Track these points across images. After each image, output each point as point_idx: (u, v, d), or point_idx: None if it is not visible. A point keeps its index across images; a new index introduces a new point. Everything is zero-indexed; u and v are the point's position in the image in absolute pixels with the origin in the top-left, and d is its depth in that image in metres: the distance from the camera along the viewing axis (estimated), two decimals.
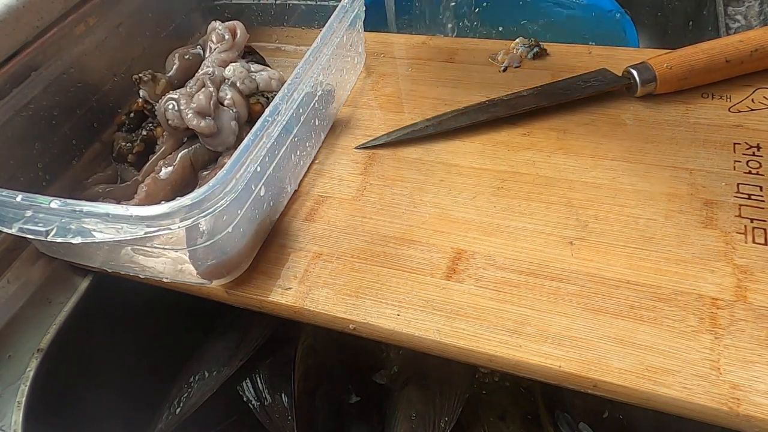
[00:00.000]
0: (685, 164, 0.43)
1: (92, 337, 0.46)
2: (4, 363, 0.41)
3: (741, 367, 0.31)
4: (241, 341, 0.52)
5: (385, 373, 0.54)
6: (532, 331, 0.35)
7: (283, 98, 0.39)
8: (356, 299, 0.38)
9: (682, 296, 0.35)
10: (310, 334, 0.53)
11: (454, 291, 0.37)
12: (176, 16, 0.61)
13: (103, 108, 0.51)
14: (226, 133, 0.45)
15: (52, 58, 0.47)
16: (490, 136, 0.48)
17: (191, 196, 0.32)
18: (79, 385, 0.46)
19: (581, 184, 0.42)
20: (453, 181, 0.44)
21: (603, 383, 0.32)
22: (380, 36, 0.61)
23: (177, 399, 0.49)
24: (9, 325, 0.42)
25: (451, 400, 0.48)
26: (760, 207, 0.39)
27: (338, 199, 0.45)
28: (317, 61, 0.43)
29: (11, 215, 0.34)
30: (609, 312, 0.35)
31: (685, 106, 0.47)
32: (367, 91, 0.55)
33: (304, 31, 0.63)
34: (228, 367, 0.50)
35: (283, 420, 0.49)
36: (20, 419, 0.38)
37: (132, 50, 0.55)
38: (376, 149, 0.48)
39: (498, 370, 0.36)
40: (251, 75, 0.49)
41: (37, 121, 0.46)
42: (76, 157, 0.50)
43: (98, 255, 0.43)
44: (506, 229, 0.40)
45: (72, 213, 0.32)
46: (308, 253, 0.41)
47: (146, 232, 0.32)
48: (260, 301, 0.39)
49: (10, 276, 0.43)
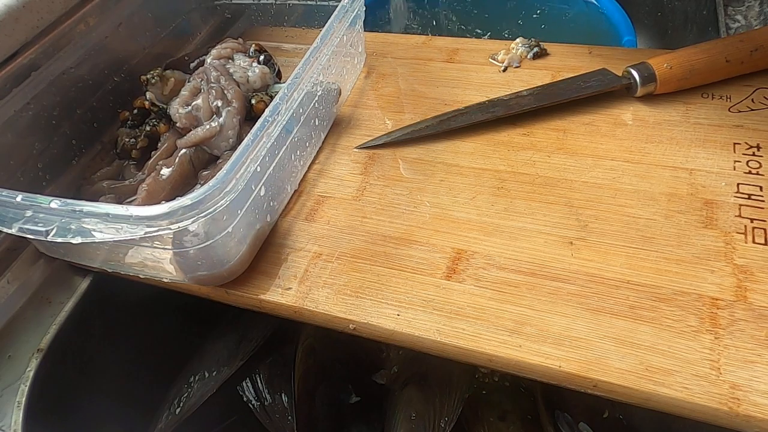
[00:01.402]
0: (685, 164, 0.43)
1: (92, 337, 0.46)
2: (4, 363, 0.41)
3: (741, 367, 0.31)
4: (241, 341, 0.52)
5: (385, 373, 0.54)
6: (532, 331, 0.35)
7: (283, 98, 0.39)
8: (356, 299, 0.38)
9: (682, 296, 0.35)
10: (310, 334, 0.53)
11: (454, 291, 0.37)
12: (176, 16, 0.61)
13: (104, 107, 0.51)
14: (226, 132, 0.45)
15: (52, 58, 0.47)
16: (490, 136, 0.48)
17: (191, 196, 0.32)
18: (79, 385, 0.46)
19: (581, 184, 0.42)
20: (453, 181, 0.44)
21: (603, 383, 0.32)
22: (380, 36, 0.61)
23: (177, 399, 0.49)
24: (9, 325, 0.42)
25: (451, 400, 0.48)
26: (760, 207, 0.39)
27: (338, 199, 0.45)
28: (317, 61, 0.43)
29: (11, 215, 0.34)
30: (609, 312, 0.35)
31: (685, 106, 0.47)
32: (367, 91, 0.55)
33: (304, 31, 0.63)
34: (228, 367, 0.50)
35: (283, 420, 0.49)
36: (20, 419, 0.38)
37: (132, 50, 0.55)
38: (376, 149, 0.48)
39: (498, 370, 0.36)
40: (245, 69, 0.49)
41: (37, 121, 0.46)
42: (76, 157, 0.50)
43: (98, 255, 0.43)
44: (506, 229, 0.40)
45: (72, 213, 0.32)
46: (308, 253, 0.41)
47: (146, 232, 0.32)
48: (260, 301, 0.39)
49: (10, 276, 0.43)
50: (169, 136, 0.47)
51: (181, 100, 0.47)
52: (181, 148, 0.45)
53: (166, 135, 0.48)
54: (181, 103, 0.46)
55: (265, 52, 0.53)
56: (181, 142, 0.46)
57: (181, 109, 0.46)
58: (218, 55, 0.51)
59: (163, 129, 0.48)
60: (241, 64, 0.50)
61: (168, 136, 0.47)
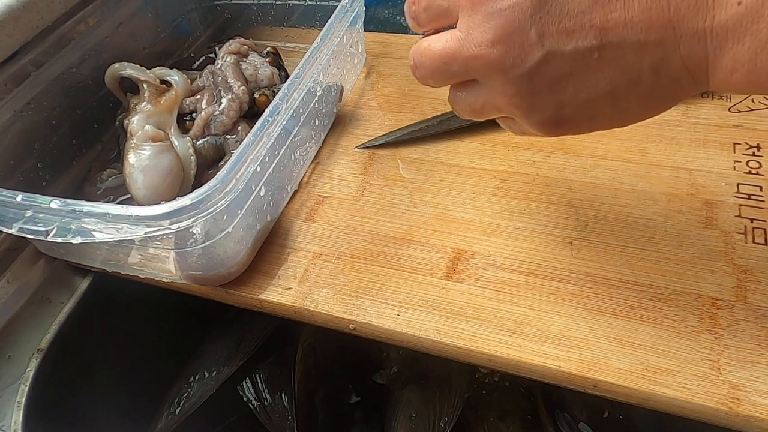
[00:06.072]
0: (685, 164, 0.43)
1: (92, 337, 0.46)
2: (4, 363, 0.41)
3: (741, 367, 0.31)
4: (241, 341, 0.52)
5: (385, 373, 0.54)
6: (532, 331, 0.35)
7: (283, 98, 0.39)
8: (356, 299, 0.38)
9: (682, 296, 0.35)
10: (310, 334, 0.53)
11: (454, 291, 0.37)
12: (176, 16, 0.61)
13: (104, 107, 0.51)
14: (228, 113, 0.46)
15: (52, 58, 0.47)
16: (490, 136, 0.48)
17: (191, 196, 0.32)
18: (79, 385, 0.46)
19: (581, 184, 0.42)
20: (453, 181, 0.44)
21: (603, 383, 0.32)
22: (380, 36, 0.61)
23: (177, 399, 0.49)
24: (9, 325, 0.42)
25: (450, 400, 0.48)
26: (760, 207, 0.39)
27: (338, 199, 0.45)
28: (317, 60, 0.43)
29: (11, 215, 0.34)
30: (609, 312, 0.35)
31: (685, 106, 0.47)
32: (367, 91, 0.55)
33: (304, 31, 0.63)
34: (228, 367, 0.50)
35: (283, 420, 0.49)
36: (20, 419, 0.38)
37: (132, 50, 0.55)
38: (376, 149, 0.48)
39: (498, 370, 0.36)
40: (256, 67, 0.50)
41: (37, 121, 0.46)
42: (76, 157, 0.50)
43: (98, 255, 0.43)
44: (506, 229, 0.40)
45: (72, 213, 0.32)
46: (308, 253, 0.41)
47: (146, 232, 0.32)
48: (260, 301, 0.39)
49: (10, 276, 0.43)
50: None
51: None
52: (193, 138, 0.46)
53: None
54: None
55: (279, 57, 0.54)
56: (191, 133, 0.46)
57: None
58: (235, 50, 0.51)
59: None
60: (255, 62, 0.50)
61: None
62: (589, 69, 0.24)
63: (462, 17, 0.26)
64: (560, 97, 0.26)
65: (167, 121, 0.46)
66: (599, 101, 0.25)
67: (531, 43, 0.24)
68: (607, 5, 0.23)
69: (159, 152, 0.43)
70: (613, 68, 0.24)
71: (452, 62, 0.27)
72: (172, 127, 0.46)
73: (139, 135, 0.43)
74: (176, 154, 0.44)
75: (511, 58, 0.25)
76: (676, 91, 0.25)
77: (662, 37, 0.23)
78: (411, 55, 0.29)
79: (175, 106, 0.46)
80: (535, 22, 0.24)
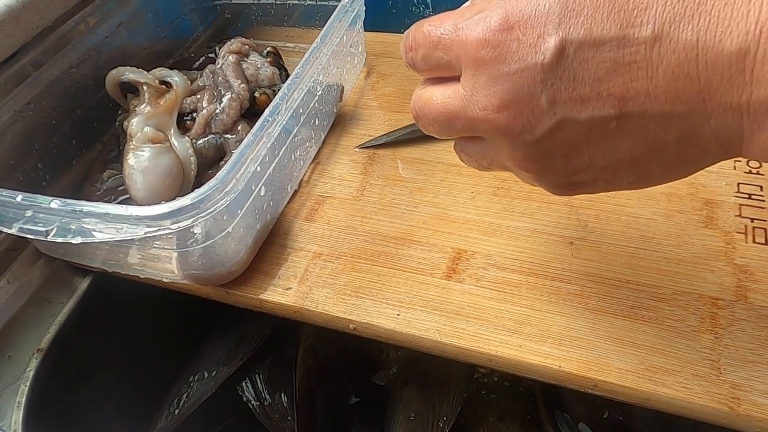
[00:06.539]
0: None
1: (92, 337, 0.46)
2: (4, 363, 0.41)
3: (741, 367, 0.31)
4: (241, 341, 0.52)
5: (384, 373, 0.53)
6: (532, 330, 0.35)
7: (283, 98, 0.39)
8: (356, 299, 0.38)
9: (682, 296, 0.35)
10: (310, 334, 0.53)
11: (454, 291, 0.37)
12: (176, 16, 0.61)
13: (104, 107, 0.51)
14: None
15: (52, 58, 0.47)
16: None
17: (191, 196, 0.32)
18: (79, 385, 0.46)
19: None
20: (453, 180, 0.44)
21: (603, 383, 0.32)
22: (380, 36, 0.61)
23: (177, 399, 0.49)
24: (9, 325, 0.42)
25: (450, 400, 0.48)
26: (760, 207, 0.39)
27: (338, 199, 0.45)
28: (317, 60, 0.43)
29: (11, 215, 0.34)
30: (609, 312, 0.35)
31: None
32: (368, 91, 0.55)
33: (304, 31, 0.63)
34: (228, 367, 0.50)
35: (283, 420, 0.49)
36: (20, 419, 0.38)
37: (132, 50, 0.55)
38: (376, 149, 0.48)
39: (498, 370, 0.36)
40: (257, 67, 0.50)
41: (37, 121, 0.46)
42: (76, 157, 0.50)
43: (98, 255, 0.43)
44: (506, 229, 0.40)
45: (72, 213, 0.32)
46: (308, 253, 0.41)
47: (146, 232, 0.32)
48: (260, 301, 0.39)
49: (10, 276, 0.43)
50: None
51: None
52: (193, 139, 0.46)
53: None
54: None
55: (279, 57, 0.54)
56: (192, 133, 0.46)
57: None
58: (236, 50, 0.51)
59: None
60: (256, 62, 0.50)
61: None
62: (606, 137, 0.23)
63: (465, 74, 0.24)
64: (574, 163, 0.24)
65: (167, 122, 0.46)
66: (617, 168, 0.24)
67: (542, 110, 0.23)
68: (627, 74, 0.21)
69: (158, 153, 0.43)
70: (633, 138, 0.22)
71: (455, 120, 0.25)
72: (172, 128, 0.46)
73: (139, 136, 0.43)
74: (176, 155, 0.44)
75: (520, 124, 0.23)
76: (701, 161, 0.23)
77: (690, 109, 0.21)
78: (412, 103, 0.28)
79: (175, 107, 0.46)
80: (546, 89, 0.22)
